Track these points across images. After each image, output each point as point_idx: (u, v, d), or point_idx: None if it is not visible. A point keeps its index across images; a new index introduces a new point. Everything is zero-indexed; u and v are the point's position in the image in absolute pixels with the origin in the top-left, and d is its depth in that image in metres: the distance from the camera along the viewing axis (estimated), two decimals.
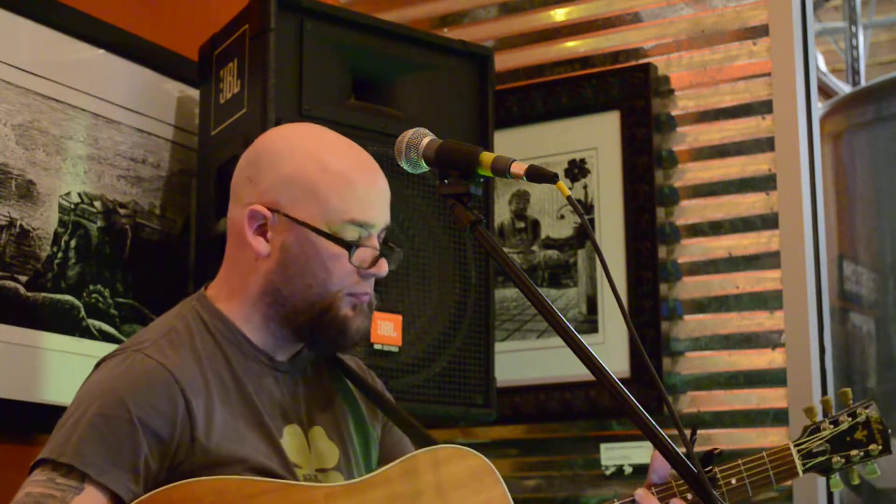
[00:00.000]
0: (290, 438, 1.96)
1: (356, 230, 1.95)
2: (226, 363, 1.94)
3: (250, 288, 1.98)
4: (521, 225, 3.50)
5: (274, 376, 1.99)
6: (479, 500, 1.97)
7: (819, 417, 2.15)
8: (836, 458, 2.12)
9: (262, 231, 1.96)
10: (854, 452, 2.11)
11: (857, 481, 2.16)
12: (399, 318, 2.81)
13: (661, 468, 2.07)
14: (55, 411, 2.73)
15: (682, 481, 2.05)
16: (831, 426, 2.13)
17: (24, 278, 2.73)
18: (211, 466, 1.84)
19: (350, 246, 1.94)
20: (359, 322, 1.98)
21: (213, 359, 1.94)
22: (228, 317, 1.99)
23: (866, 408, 2.14)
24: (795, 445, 2.12)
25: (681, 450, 1.62)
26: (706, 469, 2.06)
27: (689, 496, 2.04)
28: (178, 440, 1.84)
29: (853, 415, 2.14)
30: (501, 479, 1.99)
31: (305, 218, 1.93)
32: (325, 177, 1.94)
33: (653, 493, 2.05)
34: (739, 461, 2.11)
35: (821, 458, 2.12)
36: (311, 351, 2.05)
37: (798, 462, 2.11)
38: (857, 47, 5.88)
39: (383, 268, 1.98)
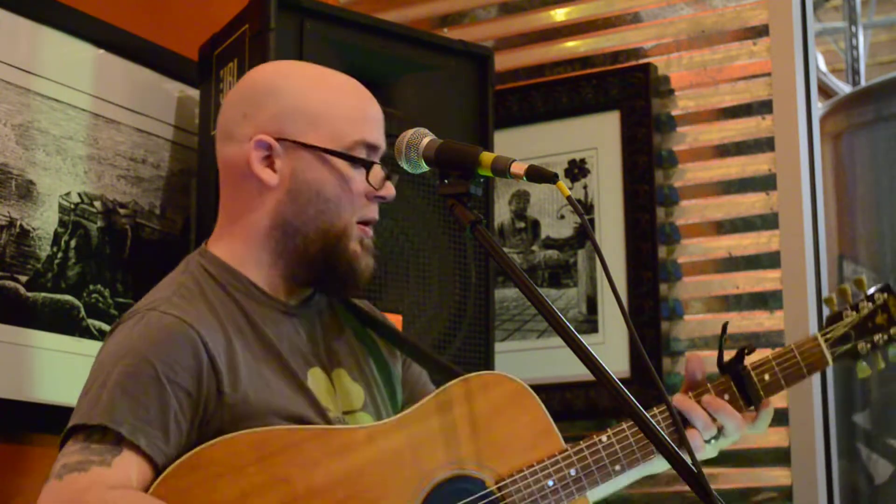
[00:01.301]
0: (315, 381, 1.93)
1: (364, 151, 1.94)
2: (240, 311, 1.90)
3: (256, 226, 1.94)
4: (521, 225, 3.50)
5: (290, 321, 1.96)
6: (520, 424, 1.96)
7: (837, 307, 2.16)
8: (861, 344, 2.14)
9: (268, 163, 1.92)
10: (878, 337, 2.13)
11: (882, 366, 2.17)
12: (399, 318, 2.80)
13: (696, 370, 2.10)
14: (55, 411, 2.75)
15: (719, 381, 2.09)
16: (853, 312, 2.14)
17: (24, 278, 2.73)
18: (242, 419, 1.81)
19: (368, 164, 1.92)
20: (366, 260, 1.96)
21: (227, 308, 1.90)
22: (233, 265, 1.94)
23: (883, 291, 2.15)
24: (822, 335, 2.13)
25: (681, 451, 1.63)
26: (738, 367, 2.09)
27: (726, 396, 2.07)
28: (205, 394, 1.80)
29: (871, 300, 2.15)
30: (539, 400, 1.99)
31: (316, 142, 1.91)
32: (331, 101, 1.94)
33: (690, 397, 2.07)
34: (770, 356, 2.12)
35: (847, 346, 2.13)
36: (320, 293, 2.01)
37: (826, 351, 2.12)
38: (857, 47, 5.87)
39: (391, 190, 1.97)
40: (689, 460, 1.59)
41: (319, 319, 2.02)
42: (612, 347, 3.28)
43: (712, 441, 2.07)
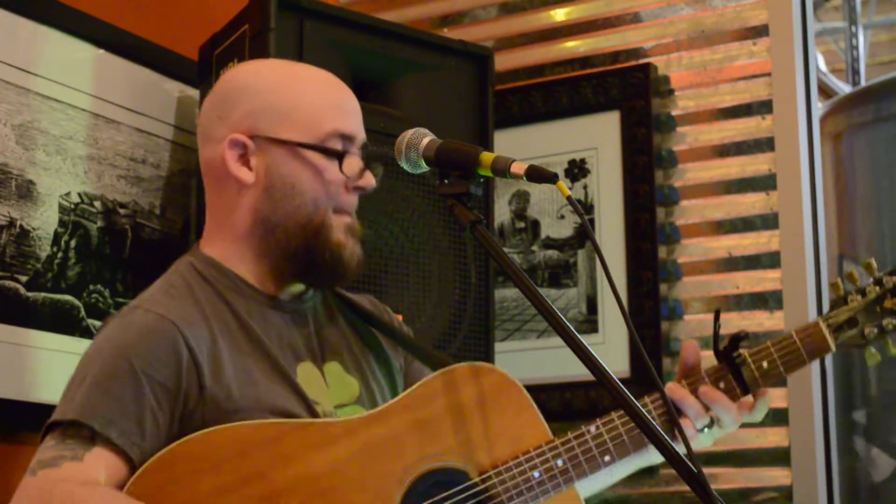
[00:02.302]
0: (304, 375, 1.92)
1: (340, 142, 1.94)
2: (228, 309, 1.91)
3: (238, 225, 1.94)
4: (521, 225, 3.50)
5: (280, 316, 1.95)
6: (505, 416, 1.94)
7: (843, 291, 2.10)
8: (868, 329, 2.06)
9: (244, 161, 1.93)
10: (886, 321, 2.06)
11: (894, 351, 2.10)
12: (399, 318, 2.80)
13: (689, 357, 2.07)
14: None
15: (714, 368, 2.05)
16: (859, 297, 2.07)
17: (24, 278, 2.73)
18: (225, 414, 1.80)
19: (340, 154, 1.92)
20: (352, 247, 1.95)
21: (214, 306, 1.90)
22: (222, 262, 1.95)
23: (892, 275, 2.08)
24: (825, 320, 2.06)
25: (680, 449, 1.62)
26: (734, 353, 2.04)
27: (721, 384, 2.03)
28: (185, 389, 1.80)
29: (879, 283, 2.08)
30: (526, 392, 1.96)
31: (288, 136, 1.92)
32: (302, 95, 1.94)
33: (683, 385, 2.04)
34: (769, 342, 2.06)
35: (852, 331, 2.06)
36: (310, 286, 2.00)
37: (829, 336, 2.05)
38: (857, 47, 5.87)
39: (370, 180, 1.97)
40: (689, 461, 1.58)
41: (313, 314, 2.01)
42: (612, 347, 3.27)
43: (706, 430, 2.04)
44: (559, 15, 3.59)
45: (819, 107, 3.43)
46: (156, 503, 1.70)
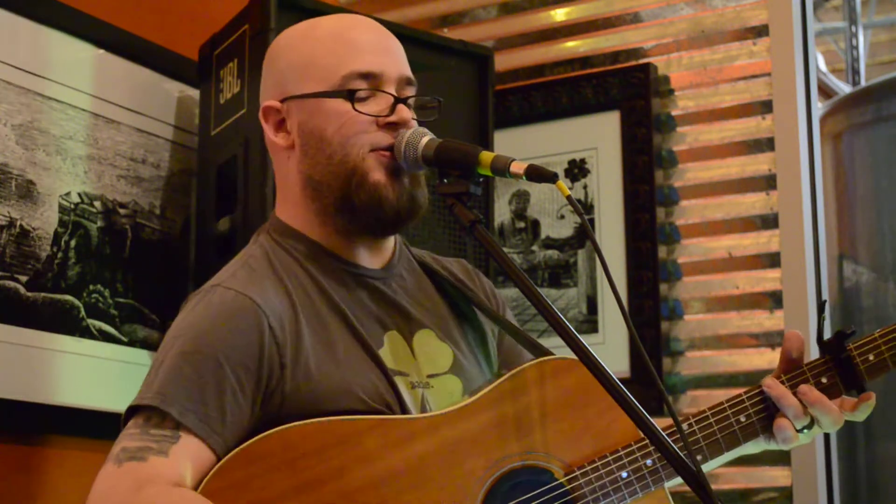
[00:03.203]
0: (390, 346, 1.87)
1: (361, 82, 1.87)
2: (309, 278, 1.86)
3: (295, 191, 1.91)
4: (521, 225, 3.50)
5: (363, 284, 1.90)
6: (592, 412, 1.87)
7: None
8: None
9: (280, 127, 1.91)
10: None
11: None
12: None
13: (793, 349, 1.95)
14: (55, 411, 2.75)
15: (817, 362, 1.94)
16: None
17: (24, 278, 2.73)
18: (306, 394, 1.76)
19: (350, 93, 1.86)
20: (400, 187, 1.86)
21: (294, 275, 1.86)
22: (296, 228, 1.91)
23: None
24: None
25: (679, 447, 1.62)
26: (841, 349, 1.93)
27: (824, 379, 1.93)
28: (267, 368, 1.75)
29: None
30: None
31: (308, 89, 1.89)
32: (317, 44, 1.90)
33: (783, 381, 1.94)
34: (875, 334, 1.95)
35: None
36: (368, 235, 1.92)
37: None
38: (857, 47, 5.88)
39: (404, 113, 1.88)
40: (689, 461, 1.58)
41: (401, 282, 1.96)
42: (612, 347, 3.27)
43: (805, 430, 1.92)
44: (559, 15, 3.59)
45: (819, 107, 3.44)
46: (232, 502, 1.67)
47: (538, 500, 1.81)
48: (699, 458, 1.88)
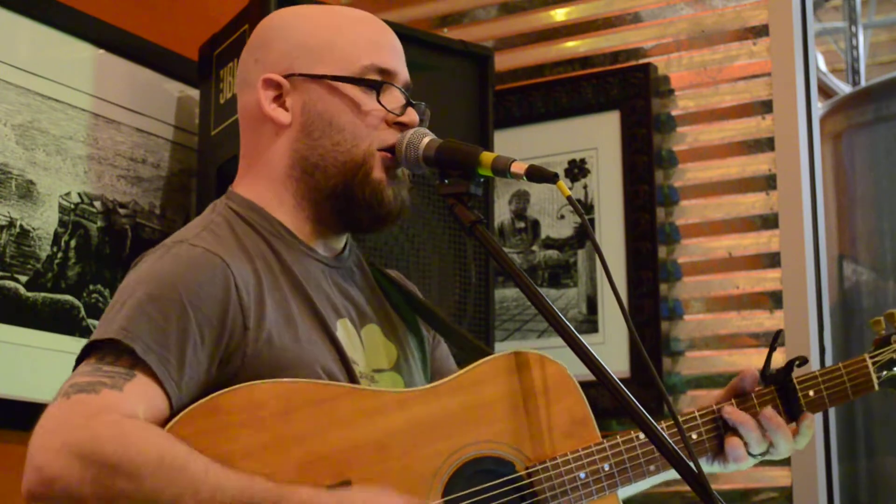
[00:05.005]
0: (344, 332, 1.85)
1: (379, 76, 1.87)
2: (270, 250, 1.84)
3: (276, 168, 1.88)
4: (521, 225, 3.50)
5: (320, 269, 1.88)
6: (557, 409, 1.89)
7: (885, 331, 2.06)
8: None
9: (279, 102, 1.88)
10: None
11: None
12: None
13: (747, 385, 1.99)
14: None
15: (762, 391, 1.99)
16: None
17: (24, 278, 2.73)
18: (262, 358, 1.73)
19: (378, 84, 1.85)
20: (396, 188, 1.86)
21: (256, 245, 1.83)
22: (261, 206, 1.87)
23: None
24: (871, 357, 2.03)
25: (679, 447, 1.62)
26: (786, 377, 1.99)
27: (769, 408, 1.96)
28: (230, 328, 1.72)
29: None
30: (578, 385, 1.91)
31: (324, 71, 1.86)
32: (339, 30, 1.88)
33: (737, 406, 1.98)
34: (817, 372, 2.02)
35: (894, 371, 2.03)
36: (350, 229, 1.92)
37: (874, 375, 2.02)
38: (857, 47, 5.87)
39: (413, 115, 1.87)
40: (689, 461, 1.58)
41: (351, 276, 1.95)
42: (612, 347, 3.28)
43: (757, 456, 1.98)
44: (559, 15, 3.59)
45: (819, 107, 3.44)
46: (196, 450, 1.61)
47: (497, 490, 1.81)
48: (652, 468, 1.91)
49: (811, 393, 2.01)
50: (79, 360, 1.70)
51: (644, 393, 3.05)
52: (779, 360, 3.22)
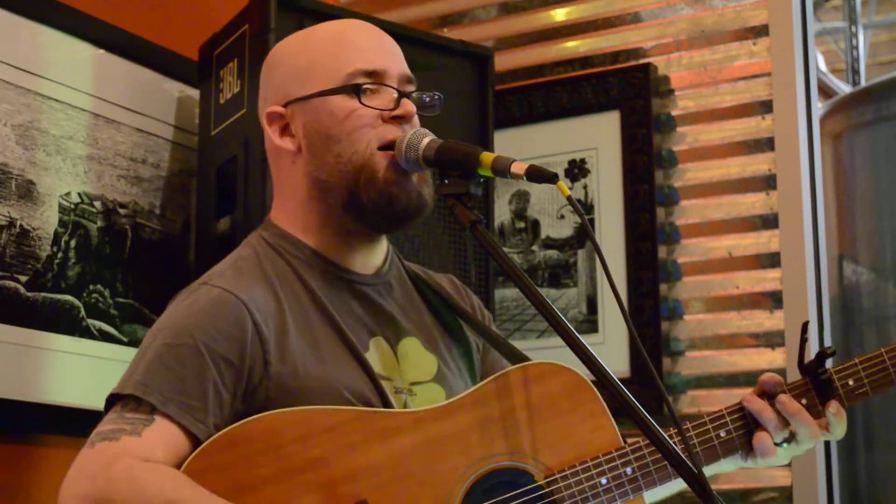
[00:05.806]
0: (377, 351, 1.89)
1: (365, 79, 1.90)
2: (299, 281, 1.88)
3: (298, 193, 1.92)
4: (521, 225, 3.50)
5: (353, 289, 1.92)
6: (576, 417, 1.88)
7: None
8: None
9: (285, 132, 1.93)
10: None
11: None
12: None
13: (769, 387, 1.95)
14: (55, 411, 2.75)
15: (797, 383, 1.95)
16: None
17: (24, 278, 2.73)
18: (291, 391, 1.78)
19: (356, 87, 1.88)
20: (406, 185, 1.87)
21: (284, 278, 1.88)
22: (292, 233, 1.93)
23: None
24: None
25: (680, 448, 1.62)
26: (821, 370, 1.95)
27: (804, 401, 1.93)
28: (249, 364, 1.77)
29: None
30: (598, 394, 1.89)
31: (311, 90, 1.90)
32: (318, 48, 1.93)
33: (761, 397, 1.94)
34: (856, 359, 1.97)
35: None
36: (374, 231, 1.94)
37: None
38: (857, 47, 5.87)
39: (408, 107, 1.90)
40: (689, 461, 1.58)
41: (389, 290, 1.98)
42: (612, 347, 3.28)
43: (784, 445, 1.94)
44: (559, 15, 3.59)
45: (819, 107, 3.44)
46: (212, 483, 1.67)
47: (517, 500, 1.82)
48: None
49: (850, 382, 1.95)
50: (106, 409, 1.78)
51: (644, 393, 3.06)
52: (779, 360, 3.24)
